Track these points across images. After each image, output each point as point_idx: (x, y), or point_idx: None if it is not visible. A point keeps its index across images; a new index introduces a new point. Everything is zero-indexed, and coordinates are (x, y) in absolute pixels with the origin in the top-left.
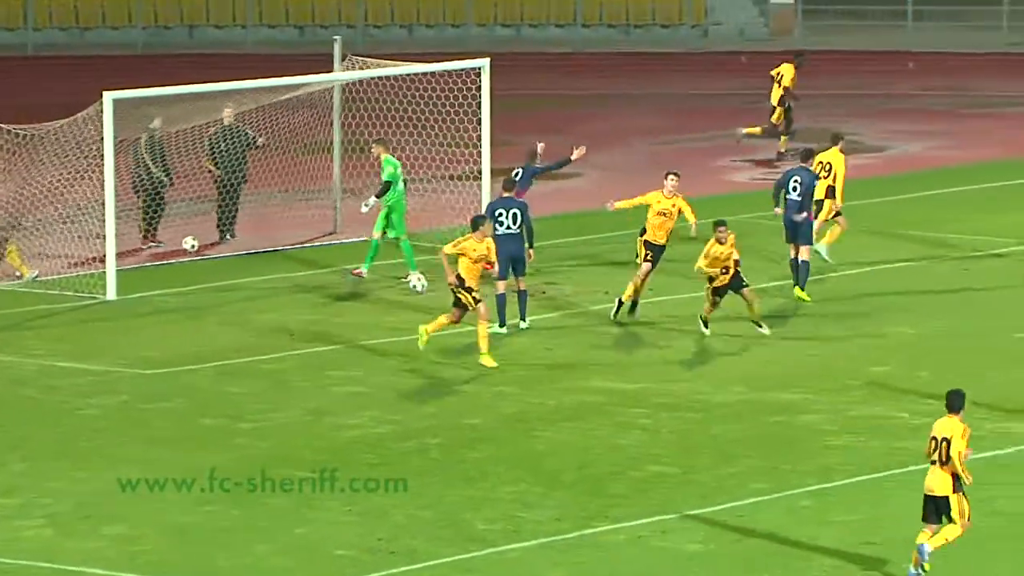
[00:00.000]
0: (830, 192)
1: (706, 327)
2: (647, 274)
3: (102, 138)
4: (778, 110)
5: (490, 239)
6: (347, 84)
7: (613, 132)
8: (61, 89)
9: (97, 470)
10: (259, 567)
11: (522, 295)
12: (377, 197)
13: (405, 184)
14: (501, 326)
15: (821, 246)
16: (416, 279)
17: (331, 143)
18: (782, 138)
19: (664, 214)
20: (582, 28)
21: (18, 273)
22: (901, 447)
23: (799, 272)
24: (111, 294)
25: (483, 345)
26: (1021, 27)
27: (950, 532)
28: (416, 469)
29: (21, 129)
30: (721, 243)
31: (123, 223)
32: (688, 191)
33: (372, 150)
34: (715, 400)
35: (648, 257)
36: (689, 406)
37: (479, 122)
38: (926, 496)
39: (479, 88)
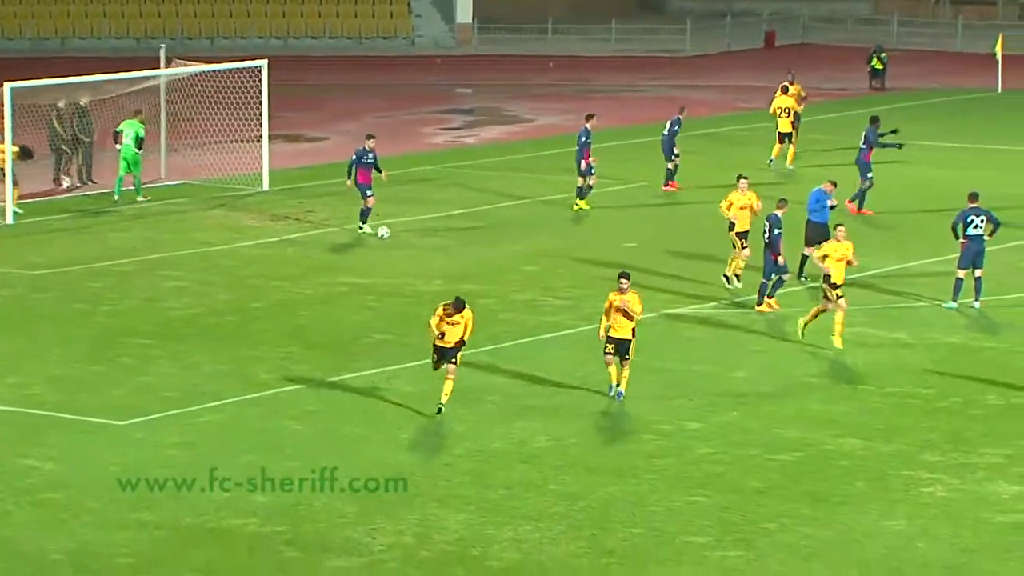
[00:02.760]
0: (794, 125)
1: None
2: (745, 257)
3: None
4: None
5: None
6: (170, 77)
7: (351, 110)
8: None
9: (0, 339)
10: (112, 404)
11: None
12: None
13: (136, 141)
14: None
15: (789, 166)
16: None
17: (159, 117)
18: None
19: (743, 207)
20: (329, 39)
21: None
22: (547, 320)
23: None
24: (9, 220)
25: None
26: (625, 39)
27: (626, 371)
28: (217, 336)
29: None
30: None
31: (30, 172)
32: (400, 149)
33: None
34: (422, 289)
35: (744, 244)
36: (404, 294)
37: (260, 103)
38: (616, 339)
39: (260, 80)
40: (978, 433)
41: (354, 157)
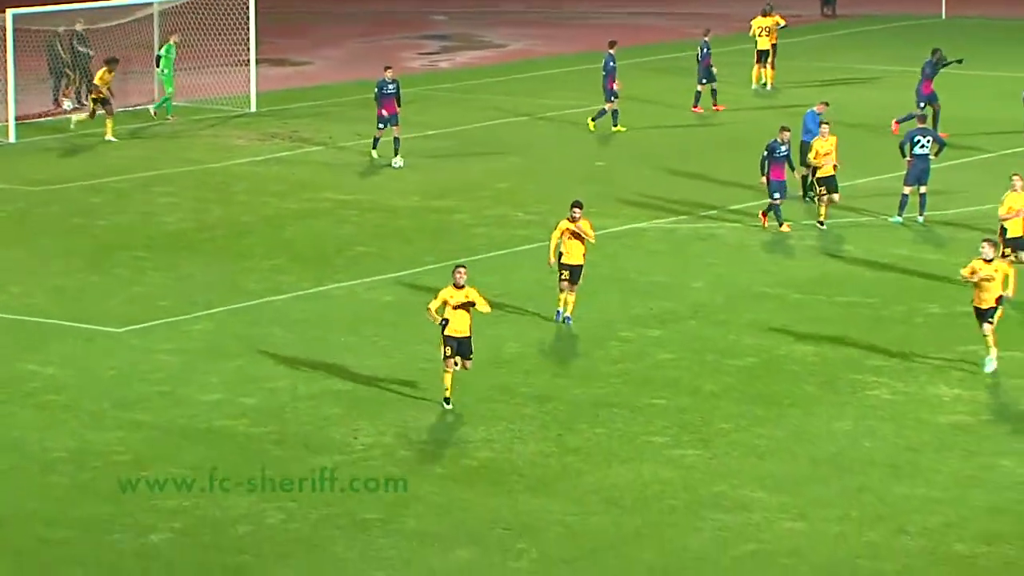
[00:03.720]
0: (774, 48)
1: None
2: (827, 203)
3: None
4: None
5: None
6: (163, 5)
7: (334, 36)
8: None
9: (4, 251)
10: (109, 312)
11: (396, 140)
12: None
13: (164, 62)
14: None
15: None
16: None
17: (152, 42)
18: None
19: (827, 153)
20: None
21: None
22: (518, 234)
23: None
24: (12, 139)
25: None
26: None
27: (573, 296)
28: (208, 250)
29: None
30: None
31: (30, 94)
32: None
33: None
34: (400, 204)
35: (822, 191)
36: (383, 209)
37: (248, 29)
38: (569, 266)
39: (248, 7)
40: (921, 340)
41: (376, 89)
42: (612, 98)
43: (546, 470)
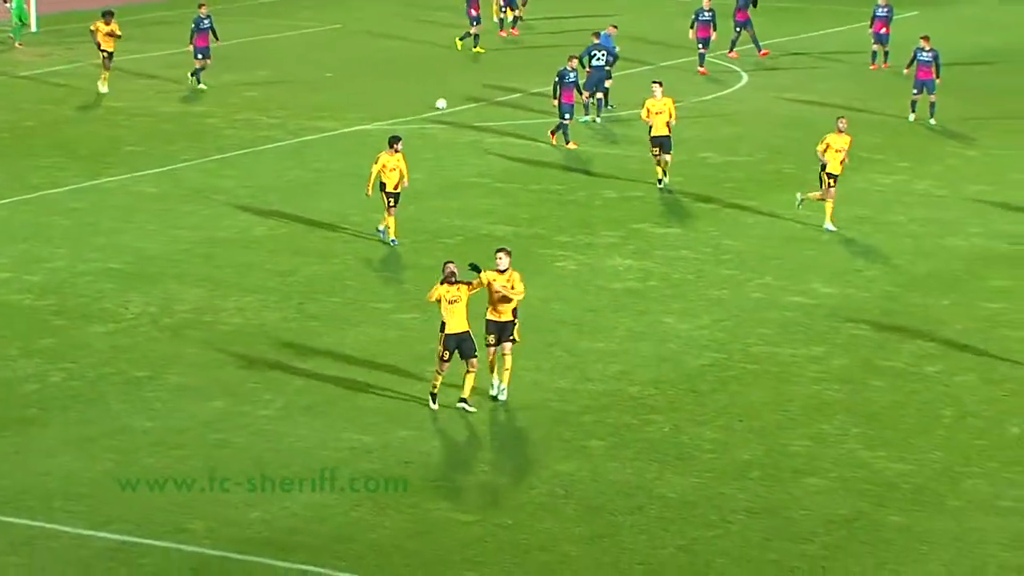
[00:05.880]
0: None
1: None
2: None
3: None
4: None
5: None
6: None
7: None
8: None
9: None
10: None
11: (200, 69)
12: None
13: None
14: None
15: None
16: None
17: None
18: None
19: (659, 112)
20: None
21: None
22: (262, 135)
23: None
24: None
25: None
26: None
27: (392, 223)
28: None
29: None
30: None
31: None
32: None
33: None
34: (164, 111)
35: (655, 151)
36: (150, 114)
37: None
38: (391, 193)
39: None
40: (599, 219)
41: (192, 25)
42: (474, 23)
43: (289, 333)
